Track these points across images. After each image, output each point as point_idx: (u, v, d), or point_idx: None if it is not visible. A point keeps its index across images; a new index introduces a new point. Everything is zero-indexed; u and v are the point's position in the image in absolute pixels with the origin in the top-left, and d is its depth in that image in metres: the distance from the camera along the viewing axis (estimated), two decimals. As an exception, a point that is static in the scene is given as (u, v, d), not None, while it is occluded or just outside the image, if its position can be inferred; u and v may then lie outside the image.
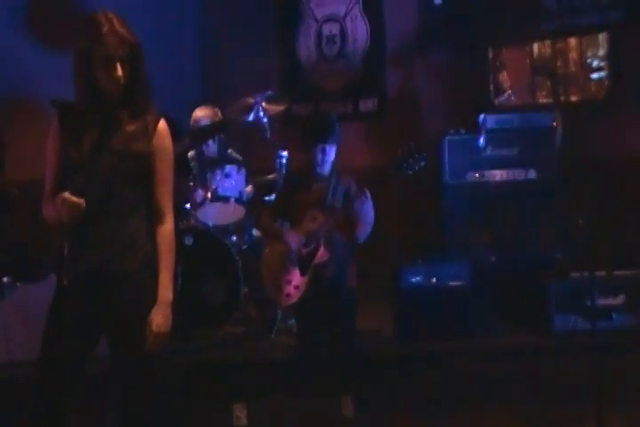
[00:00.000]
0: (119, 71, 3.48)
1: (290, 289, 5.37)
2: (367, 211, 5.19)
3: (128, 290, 3.56)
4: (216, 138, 6.81)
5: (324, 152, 5.34)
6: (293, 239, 5.33)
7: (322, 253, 5.22)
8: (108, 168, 3.53)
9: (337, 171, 5.43)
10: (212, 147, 6.80)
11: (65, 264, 3.60)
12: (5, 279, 6.03)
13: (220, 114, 6.96)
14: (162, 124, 3.67)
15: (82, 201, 3.41)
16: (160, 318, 3.54)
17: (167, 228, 3.64)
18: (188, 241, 5.87)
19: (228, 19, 8.62)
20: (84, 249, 3.54)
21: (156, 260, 3.61)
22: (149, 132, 3.62)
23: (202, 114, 6.92)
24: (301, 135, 5.54)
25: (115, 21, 3.52)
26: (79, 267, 3.53)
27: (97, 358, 3.69)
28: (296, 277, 5.35)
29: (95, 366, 3.69)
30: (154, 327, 3.52)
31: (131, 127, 3.59)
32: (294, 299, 5.36)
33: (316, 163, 5.36)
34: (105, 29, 3.48)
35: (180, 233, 5.20)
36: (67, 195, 3.40)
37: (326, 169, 5.39)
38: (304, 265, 5.29)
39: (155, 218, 3.64)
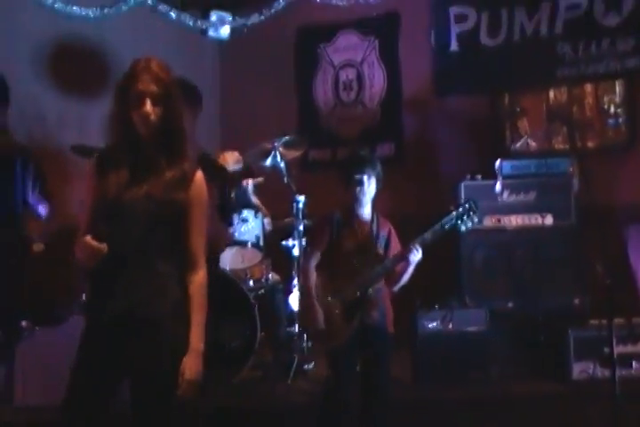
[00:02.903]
0: (148, 107, 3.52)
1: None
2: (413, 260, 5.13)
3: (154, 336, 3.55)
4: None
5: (362, 183, 5.22)
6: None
7: (372, 303, 5.15)
8: (144, 213, 3.55)
9: (377, 215, 5.35)
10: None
11: (91, 307, 3.65)
12: (24, 323, 6.04)
13: (241, 159, 6.99)
14: (199, 174, 3.69)
15: (103, 246, 3.43)
16: (192, 366, 3.55)
17: (200, 276, 3.65)
18: None
19: (247, 64, 8.69)
20: (113, 292, 3.55)
21: (185, 308, 3.60)
22: (187, 181, 3.63)
23: (227, 158, 6.94)
24: (341, 172, 5.45)
25: (153, 63, 3.60)
26: (107, 310, 3.54)
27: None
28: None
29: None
30: (186, 376, 3.54)
31: (169, 175, 3.60)
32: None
33: (354, 197, 5.24)
34: (140, 67, 3.57)
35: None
36: (88, 239, 3.42)
37: (367, 211, 5.28)
38: (350, 312, 5.18)
39: (188, 266, 3.64)
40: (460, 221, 5.06)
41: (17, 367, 5.82)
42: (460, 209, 5.09)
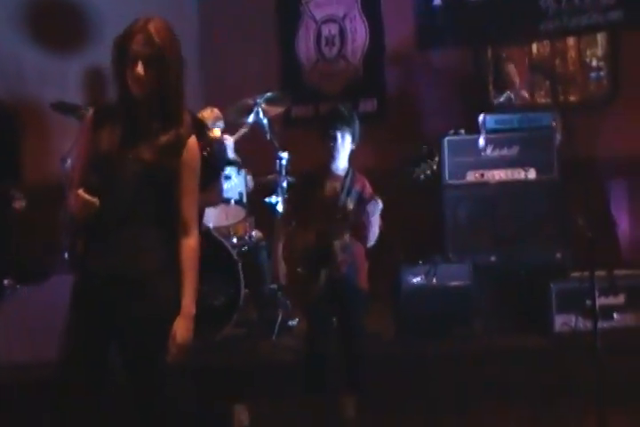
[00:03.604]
0: (139, 69, 3.45)
1: None
2: (378, 214, 5.14)
3: (142, 297, 3.55)
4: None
5: (335, 139, 5.23)
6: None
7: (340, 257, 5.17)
8: (134, 176, 3.54)
9: (352, 170, 5.35)
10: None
11: (81, 264, 3.64)
12: (6, 282, 6.04)
13: (221, 116, 6.96)
14: (192, 140, 3.64)
15: (95, 200, 3.44)
16: (183, 330, 3.54)
17: (192, 241, 3.61)
18: None
19: (227, 21, 8.61)
20: (101, 252, 3.56)
21: (174, 270, 3.58)
22: (180, 146, 3.60)
23: (207, 116, 6.91)
24: (317, 126, 5.47)
25: (151, 23, 3.52)
26: (95, 269, 3.56)
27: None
28: None
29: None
30: (177, 340, 3.53)
31: (162, 139, 3.57)
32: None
33: (329, 153, 5.26)
34: (137, 26, 3.51)
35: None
36: (81, 192, 3.44)
37: (341, 166, 5.30)
38: (318, 266, 5.21)
39: (179, 230, 3.61)
40: (416, 168, 5.03)
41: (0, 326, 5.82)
42: (417, 157, 5.06)
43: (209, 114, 6.89)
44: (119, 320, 3.57)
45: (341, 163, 5.25)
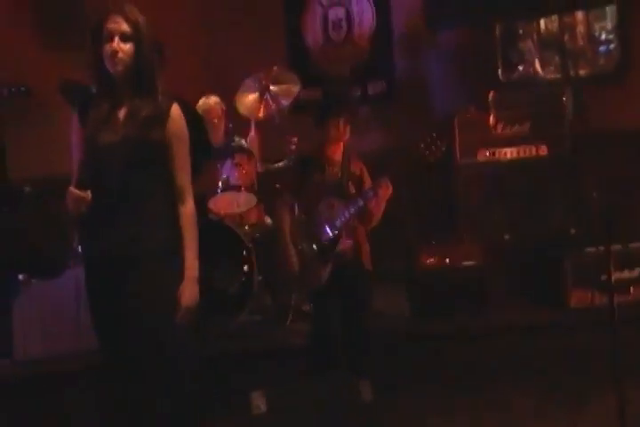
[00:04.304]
0: (115, 44, 3.60)
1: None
2: (383, 195, 5.12)
3: (144, 274, 3.64)
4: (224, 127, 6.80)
5: (336, 128, 5.23)
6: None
7: (344, 242, 5.18)
8: (124, 156, 3.63)
9: (349, 155, 5.35)
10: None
11: (85, 250, 3.79)
12: (21, 277, 6.05)
13: (220, 102, 6.92)
14: (175, 108, 3.76)
15: (86, 194, 3.53)
16: (188, 293, 3.68)
17: (188, 208, 3.77)
18: None
19: (233, 5, 8.57)
20: (104, 234, 3.65)
21: (176, 242, 3.71)
22: (163, 117, 3.71)
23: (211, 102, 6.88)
24: (315, 111, 5.47)
25: (123, 5, 3.70)
26: (100, 251, 3.67)
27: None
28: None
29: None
30: (183, 302, 3.67)
31: (144, 112, 3.68)
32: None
33: (327, 139, 5.25)
34: (110, 8, 3.67)
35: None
36: (72, 189, 3.54)
37: (339, 151, 5.30)
38: (325, 253, 5.22)
39: (175, 200, 3.75)
40: (427, 152, 5.02)
41: (15, 321, 5.84)
42: (428, 140, 5.03)
43: (206, 101, 6.85)
44: (127, 294, 3.65)
45: (339, 148, 5.24)
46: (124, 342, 3.68)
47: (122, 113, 3.69)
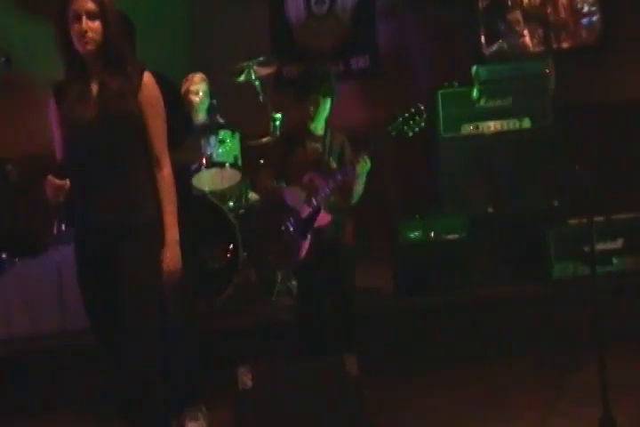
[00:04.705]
0: (84, 24, 3.64)
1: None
2: (365, 173, 5.12)
3: (133, 244, 3.73)
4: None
5: (316, 104, 5.21)
6: (293, 200, 5.27)
7: (323, 216, 5.18)
8: (102, 130, 3.69)
9: (332, 130, 5.34)
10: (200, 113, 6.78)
11: (73, 225, 3.87)
12: (4, 255, 6.06)
13: (205, 79, 6.91)
14: (146, 75, 3.82)
15: (64, 183, 3.60)
16: (170, 256, 3.78)
17: (165, 172, 3.84)
18: None
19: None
20: (88, 209, 3.74)
21: (158, 208, 3.80)
22: (135, 86, 3.76)
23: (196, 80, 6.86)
24: (295, 88, 5.45)
25: None
26: (86, 226, 3.77)
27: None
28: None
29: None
30: (166, 265, 3.76)
31: (115, 84, 3.72)
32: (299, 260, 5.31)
33: (308, 116, 5.24)
34: None
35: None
36: (50, 177, 3.61)
37: (320, 126, 5.29)
38: (304, 227, 5.23)
39: (153, 165, 3.82)
40: (405, 127, 5.01)
41: (-1, 299, 5.85)
42: (406, 114, 5.02)
43: (194, 78, 6.83)
44: (119, 264, 3.73)
45: (320, 124, 5.22)
46: (116, 315, 3.71)
47: (94, 89, 3.74)
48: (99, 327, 3.83)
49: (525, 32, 7.68)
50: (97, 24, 3.66)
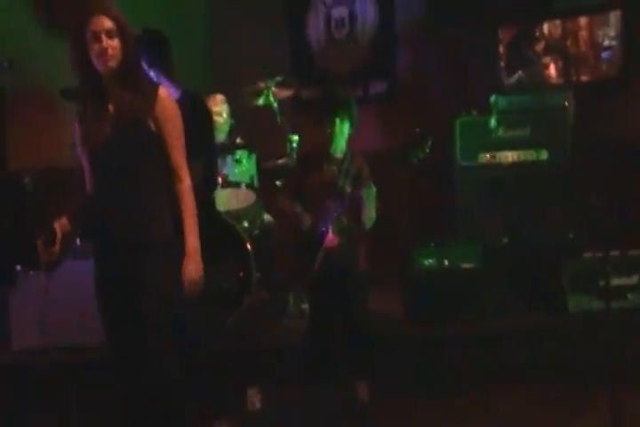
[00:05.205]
0: (105, 43, 3.72)
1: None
2: (372, 198, 5.12)
3: (150, 261, 3.78)
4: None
5: (335, 126, 5.22)
6: (305, 221, 5.27)
7: (330, 238, 5.17)
8: (120, 147, 3.77)
9: (351, 153, 5.35)
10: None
11: (94, 240, 3.93)
12: (18, 268, 6.04)
13: (225, 101, 6.93)
14: (161, 90, 3.89)
15: (53, 249, 3.81)
16: (191, 266, 3.85)
17: (184, 185, 3.90)
18: None
19: (236, 5, 8.56)
20: (109, 224, 3.82)
21: (180, 224, 3.85)
22: (151, 101, 3.83)
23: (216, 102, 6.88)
24: (315, 110, 5.48)
25: (100, 5, 3.86)
26: (106, 241, 3.84)
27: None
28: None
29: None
30: (187, 275, 3.83)
31: (132, 100, 3.80)
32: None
33: (327, 138, 5.25)
34: (88, 12, 3.79)
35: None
36: (40, 244, 3.83)
37: (339, 149, 5.30)
38: (312, 249, 5.23)
39: (172, 178, 3.88)
40: (410, 154, 5.01)
41: (13, 312, 5.85)
42: (410, 141, 5.03)
43: (214, 100, 6.85)
44: (137, 280, 3.77)
45: (340, 146, 5.24)
46: (134, 330, 3.77)
47: (111, 107, 3.81)
48: (116, 341, 3.87)
49: (546, 64, 7.67)
50: (116, 42, 3.76)
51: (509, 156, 6.79)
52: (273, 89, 6.95)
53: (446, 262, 6.10)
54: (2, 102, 7.31)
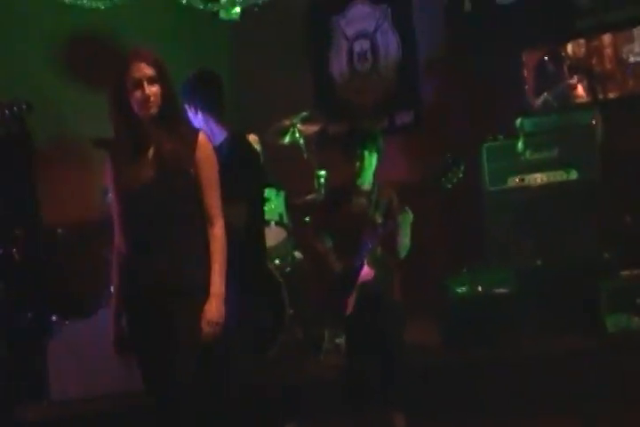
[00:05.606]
0: (147, 90, 3.75)
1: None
2: (408, 225, 5.10)
3: (184, 308, 3.78)
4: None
5: (364, 160, 5.23)
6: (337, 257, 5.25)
7: (365, 272, 5.15)
8: (159, 192, 3.79)
9: (379, 184, 5.34)
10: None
11: (126, 288, 3.92)
12: (54, 317, 6.09)
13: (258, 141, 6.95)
14: (201, 135, 3.93)
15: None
16: (212, 309, 3.81)
17: (217, 230, 3.89)
18: None
19: (259, 42, 8.63)
20: (143, 272, 3.82)
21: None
22: (191, 146, 3.86)
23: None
24: (342, 144, 5.48)
25: (139, 51, 3.87)
26: (140, 289, 3.83)
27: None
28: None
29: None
30: (206, 317, 3.80)
31: (172, 146, 3.82)
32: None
33: (355, 171, 5.26)
34: (128, 58, 3.82)
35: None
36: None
37: (367, 181, 5.29)
38: (349, 283, 5.20)
39: (206, 222, 3.89)
40: (443, 179, 4.99)
41: (51, 362, 5.87)
42: (443, 166, 5.01)
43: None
44: (173, 327, 3.77)
45: (367, 178, 5.22)
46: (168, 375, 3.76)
47: (150, 151, 3.84)
48: (153, 386, 3.86)
49: (572, 83, 7.62)
50: (156, 88, 3.78)
51: (538, 177, 6.73)
52: (298, 126, 6.96)
53: (480, 289, 6.04)
54: (29, 150, 7.34)
